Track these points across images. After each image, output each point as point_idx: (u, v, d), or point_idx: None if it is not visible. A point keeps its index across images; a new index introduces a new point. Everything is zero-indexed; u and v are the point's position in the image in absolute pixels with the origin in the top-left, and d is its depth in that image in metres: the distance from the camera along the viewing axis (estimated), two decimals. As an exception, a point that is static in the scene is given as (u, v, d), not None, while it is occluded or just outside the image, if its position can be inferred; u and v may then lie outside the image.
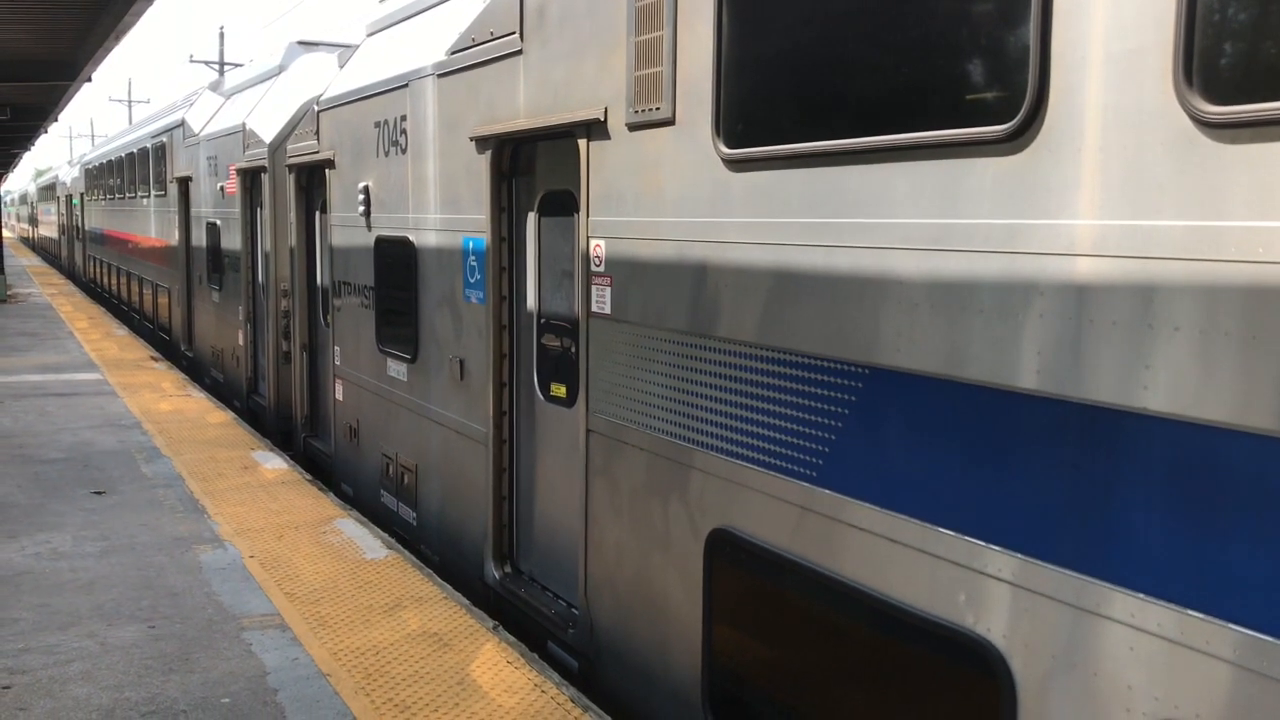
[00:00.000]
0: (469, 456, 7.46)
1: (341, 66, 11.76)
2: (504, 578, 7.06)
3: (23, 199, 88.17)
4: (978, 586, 3.53)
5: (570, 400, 6.41)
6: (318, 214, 11.24)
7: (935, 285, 3.66)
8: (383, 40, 9.43)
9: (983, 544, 3.51)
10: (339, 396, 10.18)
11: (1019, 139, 3.33)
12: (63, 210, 43.97)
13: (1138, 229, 3.00)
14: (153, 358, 18.21)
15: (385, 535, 8.35)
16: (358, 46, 10.70)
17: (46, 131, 38.37)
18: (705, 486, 4.92)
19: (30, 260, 52.66)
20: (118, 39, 17.07)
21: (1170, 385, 2.94)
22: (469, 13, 7.46)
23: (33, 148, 48.82)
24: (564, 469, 6.53)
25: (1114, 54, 3.06)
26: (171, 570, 7.45)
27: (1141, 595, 3.03)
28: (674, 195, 5.05)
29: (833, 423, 4.13)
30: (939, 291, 3.65)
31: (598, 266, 5.74)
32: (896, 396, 3.84)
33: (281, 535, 8.27)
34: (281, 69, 13.61)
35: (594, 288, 5.78)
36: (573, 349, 6.31)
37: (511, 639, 6.35)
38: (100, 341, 20.23)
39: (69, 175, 40.80)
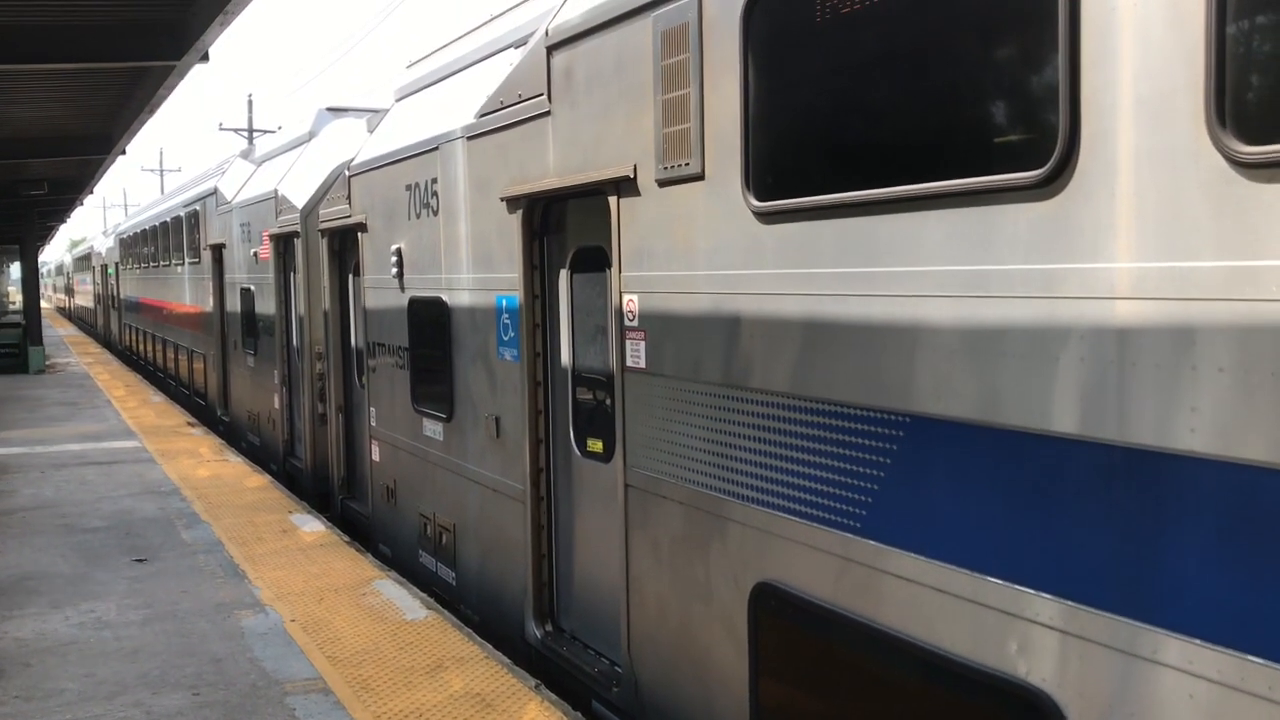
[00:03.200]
0: (507, 514, 7.47)
1: (370, 131, 11.97)
2: (545, 636, 7.02)
3: (59, 270, 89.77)
4: (1030, 635, 3.49)
5: (607, 455, 6.41)
6: (350, 277, 11.38)
7: (972, 332, 3.66)
8: (411, 105, 9.60)
9: (1032, 591, 3.48)
10: (375, 457, 10.24)
11: (1052, 184, 3.35)
12: (98, 280, 44.70)
13: (1176, 271, 3.00)
14: (189, 423, 18.38)
15: (424, 595, 8.36)
16: (386, 111, 10.90)
17: (82, 203, 39.18)
18: (747, 540, 4.90)
19: (67, 330, 53.46)
20: (151, 112, 17.44)
21: (1216, 427, 2.92)
22: (496, 76, 7.59)
23: (68, 219, 49.82)
24: (603, 525, 6.52)
25: (1144, 97, 3.08)
26: (214, 636, 7.49)
27: (1198, 641, 2.99)
28: (705, 249, 5.09)
29: (873, 472, 4.11)
30: (976, 338, 3.65)
31: (631, 321, 5.78)
32: (937, 444, 3.82)
33: (322, 598, 8.32)
34: (311, 135, 13.86)
35: (628, 342, 5.81)
36: (608, 404, 6.33)
37: (554, 698, 6.31)
38: (137, 409, 20.45)
39: (104, 245, 41.55)
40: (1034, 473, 3.45)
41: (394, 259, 9.18)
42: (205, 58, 13.28)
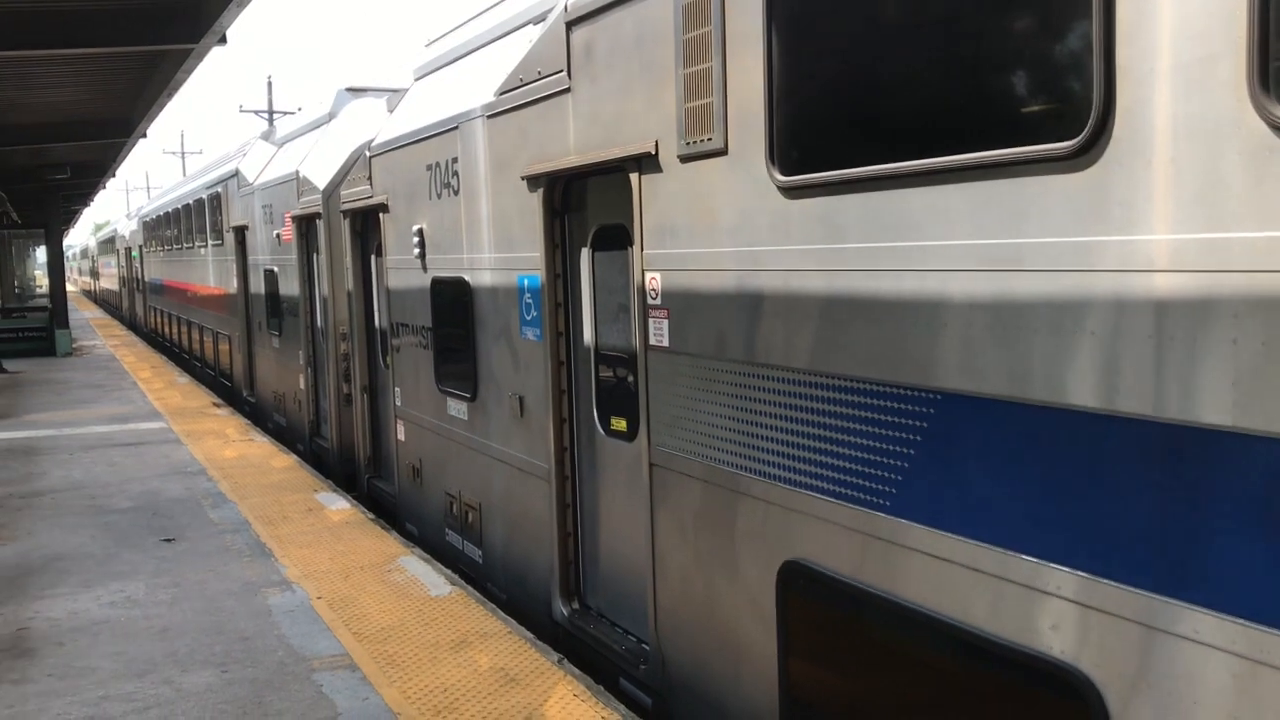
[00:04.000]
0: (532, 493, 7.46)
1: (390, 111, 11.93)
2: (572, 614, 7.03)
3: (83, 253, 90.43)
4: (1066, 614, 3.44)
5: (631, 434, 6.38)
6: (373, 257, 11.37)
7: (1004, 306, 3.59)
8: (430, 84, 9.55)
9: (1068, 570, 3.42)
10: (401, 437, 10.25)
11: (1086, 154, 3.27)
12: (122, 263, 44.98)
13: (1216, 242, 2.93)
14: (215, 404, 18.49)
15: (449, 572, 8.40)
16: (406, 91, 10.85)
17: (105, 187, 39.39)
18: (774, 518, 4.86)
19: (92, 313, 53.86)
20: (170, 95, 17.46)
21: (1259, 402, 2.85)
22: (515, 54, 7.52)
23: (91, 203, 50.13)
24: (628, 503, 6.50)
25: (1183, 63, 2.99)
26: (242, 614, 7.56)
27: (1243, 621, 2.93)
28: (729, 225, 5.03)
29: (903, 449, 4.06)
30: (1008, 313, 3.58)
31: (654, 299, 5.73)
32: (968, 421, 3.76)
33: (348, 575, 8.37)
34: (331, 115, 13.83)
35: (651, 320, 5.77)
36: (632, 382, 6.29)
37: (578, 673, 6.34)
38: (163, 390, 20.58)
39: (127, 228, 41.77)
40: (1067, 450, 3.39)
41: (416, 239, 9.16)
42: (223, 40, 13.27)
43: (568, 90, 6.50)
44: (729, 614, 5.26)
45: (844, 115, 4.37)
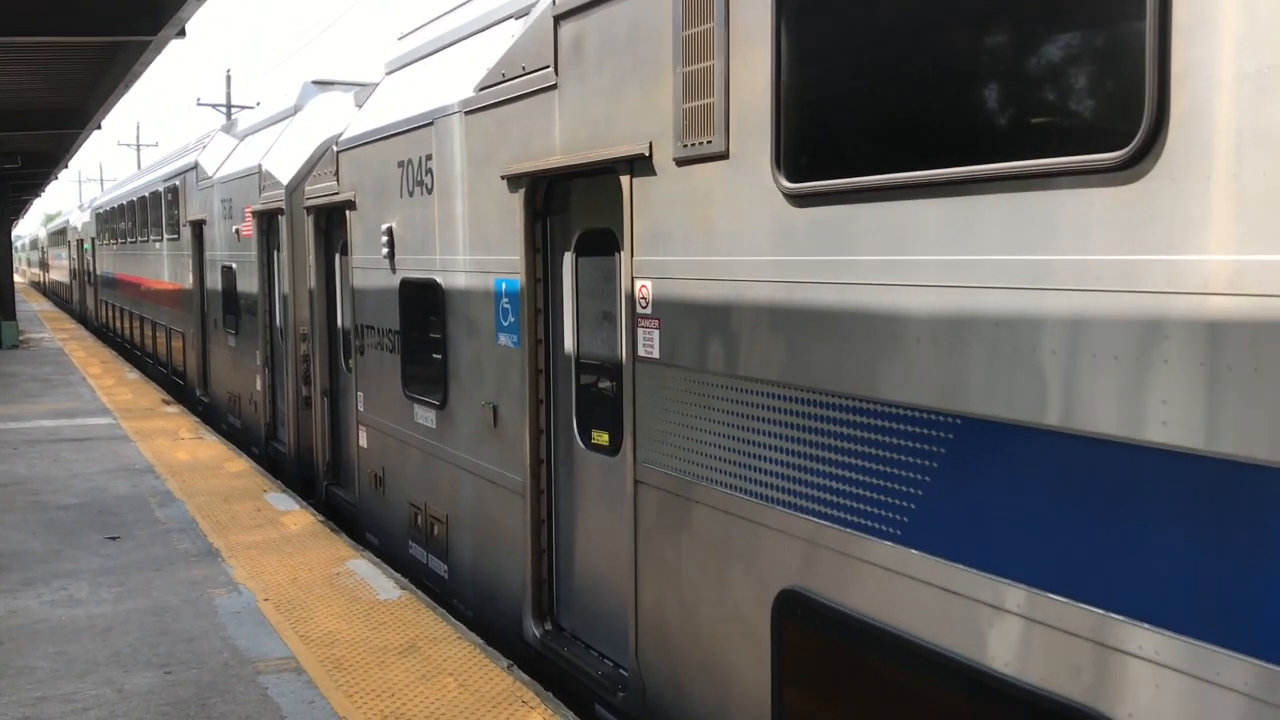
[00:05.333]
0: (504, 507, 7.15)
1: (359, 106, 11.58)
2: (545, 635, 6.72)
3: (33, 244, 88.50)
4: (1106, 661, 3.20)
5: (614, 448, 6.10)
6: (337, 256, 10.99)
7: (1035, 327, 3.36)
8: (404, 78, 9.21)
9: (1103, 612, 3.19)
10: (363, 444, 9.89)
11: (1134, 167, 3.04)
12: (73, 255, 43.96)
13: (1284, 264, 2.70)
14: (165, 401, 18.06)
15: (398, 576, 8.29)
16: (376, 85, 10.50)
17: (56, 178, 38.49)
18: (771, 543, 4.60)
19: (41, 305, 52.65)
20: (126, 87, 17.02)
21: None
22: (495, 48, 7.22)
23: (43, 194, 49.01)
24: (608, 521, 6.21)
25: (1248, 72, 2.77)
26: (187, 615, 7.41)
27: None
28: (729, 232, 4.77)
29: (920, 477, 3.81)
30: (1039, 334, 3.34)
31: (644, 308, 5.46)
32: (996, 449, 3.52)
33: (296, 577, 8.24)
34: (297, 109, 13.43)
35: (640, 330, 5.49)
36: (616, 394, 6.01)
37: (528, 679, 6.26)
38: (114, 387, 20.01)
39: (79, 220, 40.79)
40: (1110, 485, 3.15)
41: (385, 239, 8.82)
42: (182, 33, 13.01)
43: (554, 87, 6.21)
44: (718, 641, 4.99)
45: (860, 119, 4.12)
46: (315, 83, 13.61)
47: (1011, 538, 3.46)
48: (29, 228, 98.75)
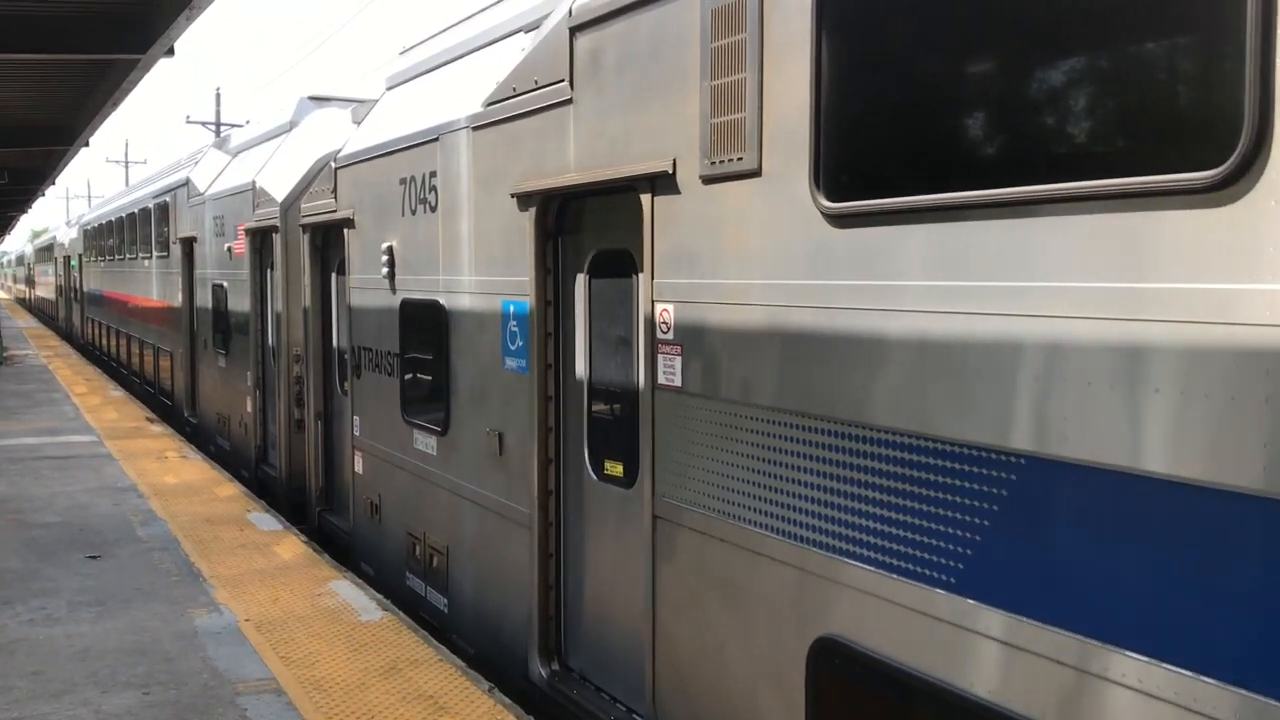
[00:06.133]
0: (509, 539, 6.83)
1: (356, 123, 11.31)
2: (552, 676, 6.39)
3: (19, 260, 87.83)
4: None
5: (629, 480, 5.80)
6: (334, 275, 10.69)
7: (1110, 360, 3.08)
8: (406, 93, 8.95)
9: (1192, 675, 2.90)
10: (359, 470, 9.56)
11: (1230, 188, 2.78)
12: (60, 271, 43.49)
13: None
14: (149, 419, 17.86)
15: (380, 597, 8.18)
16: (374, 102, 10.24)
17: (43, 194, 38.05)
18: (806, 587, 4.30)
19: (27, 322, 52.13)
20: (115, 105, 16.84)
21: None
22: (505, 62, 6.96)
23: (30, 210, 48.53)
24: (622, 556, 5.90)
25: (1369, 83, 2.51)
26: (166, 635, 7.30)
27: None
28: (760, 255, 4.50)
29: (979, 521, 3.53)
30: (1114, 367, 3.07)
31: (665, 333, 5.17)
32: (1066, 493, 3.24)
33: (277, 598, 8.15)
34: (292, 125, 13.15)
35: (660, 357, 5.20)
36: (632, 424, 5.72)
37: (507, 701, 6.20)
38: (97, 405, 19.67)
39: (66, 236, 40.36)
40: (1201, 535, 2.87)
41: (385, 258, 8.52)
42: (170, 52, 13.06)
43: (569, 101, 5.95)
44: (745, 691, 4.68)
45: (912, 134, 3.85)
46: (311, 98, 13.34)
47: (1095, 591, 3.17)
48: (15, 243, 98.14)
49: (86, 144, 22.03)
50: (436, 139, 7.67)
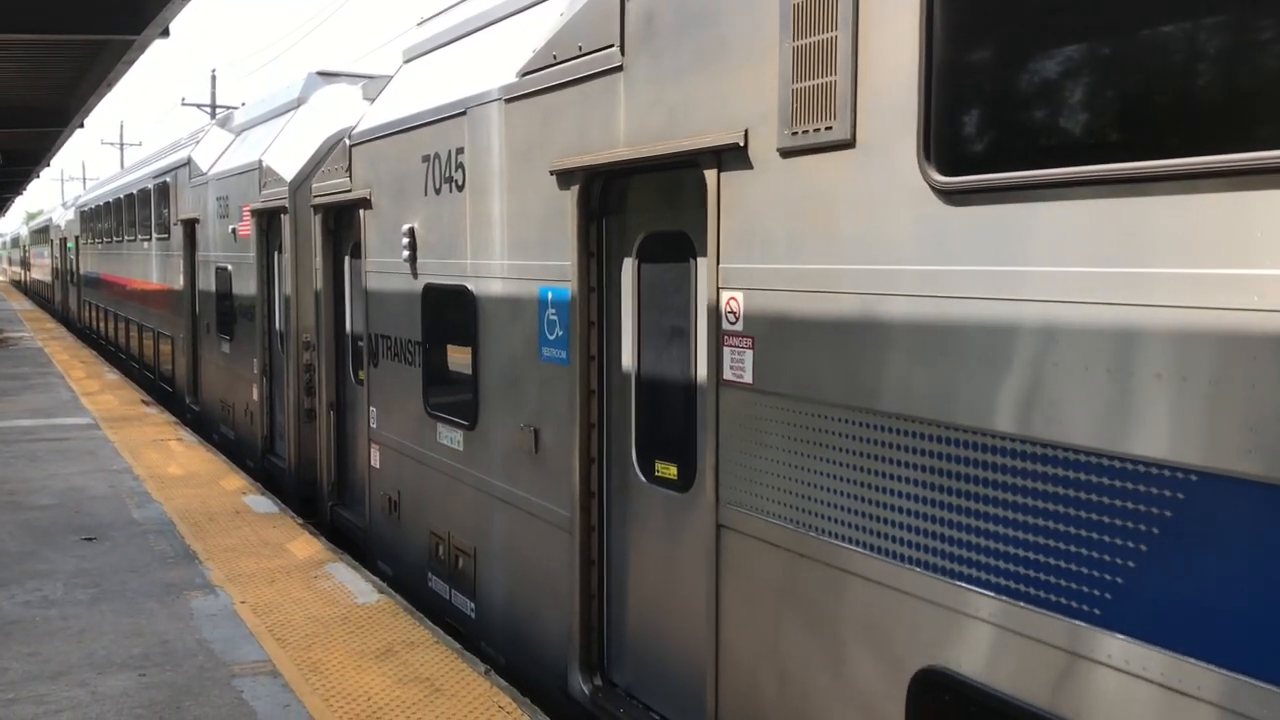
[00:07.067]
0: (546, 543, 6.35)
1: (368, 99, 10.79)
2: (595, 692, 5.91)
3: (14, 242, 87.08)
4: None
5: (684, 483, 5.31)
6: (347, 259, 10.17)
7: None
8: (427, 65, 8.42)
9: None
10: (375, 463, 9.06)
11: None
12: (56, 254, 42.88)
13: None
14: (144, 401, 17.66)
15: (376, 579, 8.16)
16: (389, 77, 9.71)
17: (38, 176, 37.50)
18: (907, 612, 3.82)
19: (22, 304, 51.57)
20: (109, 86, 16.45)
21: None
22: (541, 28, 6.44)
23: (25, 191, 47.96)
24: (676, 566, 5.42)
25: None
26: (162, 617, 7.31)
27: None
28: (854, 236, 3.99)
29: (1131, 545, 3.04)
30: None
31: (733, 323, 4.67)
32: (1251, 517, 2.75)
33: (273, 580, 8.14)
34: (300, 101, 12.60)
35: (727, 350, 4.71)
36: (688, 423, 5.22)
37: (505, 684, 6.20)
38: (92, 388, 19.27)
39: (63, 218, 39.71)
40: None
41: (405, 240, 8.01)
42: (166, 33, 12.97)
43: (619, 69, 5.43)
44: (829, 723, 4.20)
45: (1055, 96, 3.32)
46: (320, 74, 12.78)
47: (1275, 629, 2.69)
48: (10, 225, 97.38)
49: (81, 125, 21.62)
50: (464, 113, 7.14)
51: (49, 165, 33.14)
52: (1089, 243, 3.13)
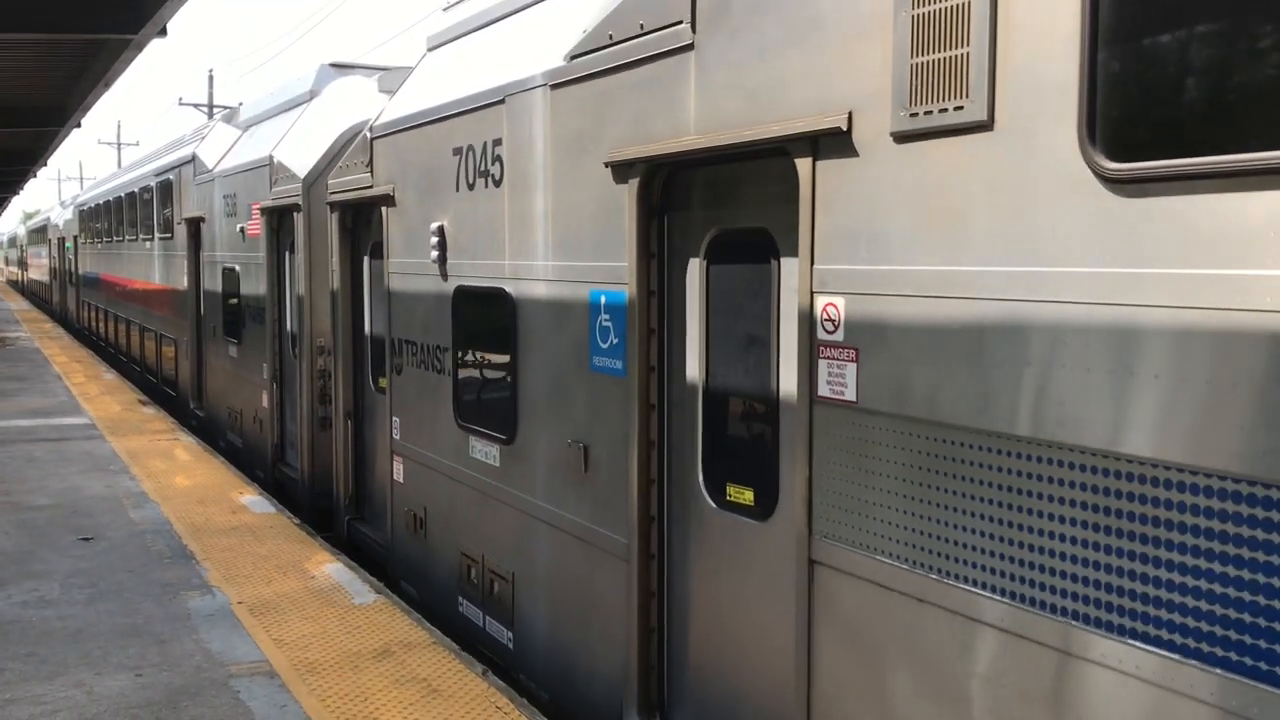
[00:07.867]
0: (597, 571, 5.79)
1: (384, 92, 10.27)
2: (655, 737, 5.36)
3: (12, 242, 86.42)
4: None
5: (764, 511, 4.76)
6: (365, 259, 9.61)
7: None
8: (455, 51, 7.86)
9: None
10: (399, 477, 8.50)
11: None
12: (54, 254, 42.29)
13: None
14: (142, 402, 17.32)
15: (374, 580, 8.06)
16: (410, 69, 9.15)
17: (36, 176, 36.90)
18: (1052, 667, 3.26)
19: (19, 304, 51.04)
20: (107, 86, 16.12)
21: None
22: (589, 9, 5.88)
23: (21, 191, 47.36)
24: (751, 602, 4.86)
25: None
26: (159, 617, 7.24)
27: None
28: (992, 232, 3.44)
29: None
30: None
31: (831, 333, 4.12)
32: None
33: (270, 580, 8.07)
34: (312, 94, 12.03)
35: (824, 363, 4.15)
36: (770, 443, 4.67)
37: (502, 685, 6.13)
38: (89, 388, 18.84)
39: (61, 217, 39.12)
40: None
41: (434, 239, 7.45)
42: (164, 32, 12.91)
43: (689, 47, 4.88)
44: (955, 795, 3.64)
45: (1260, 62, 2.77)
46: (333, 65, 12.22)
47: None
48: (7, 225, 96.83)
49: (78, 125, 21.21)
50: (502, 101, 6.58)
51: (46, 165, 32.55)
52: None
